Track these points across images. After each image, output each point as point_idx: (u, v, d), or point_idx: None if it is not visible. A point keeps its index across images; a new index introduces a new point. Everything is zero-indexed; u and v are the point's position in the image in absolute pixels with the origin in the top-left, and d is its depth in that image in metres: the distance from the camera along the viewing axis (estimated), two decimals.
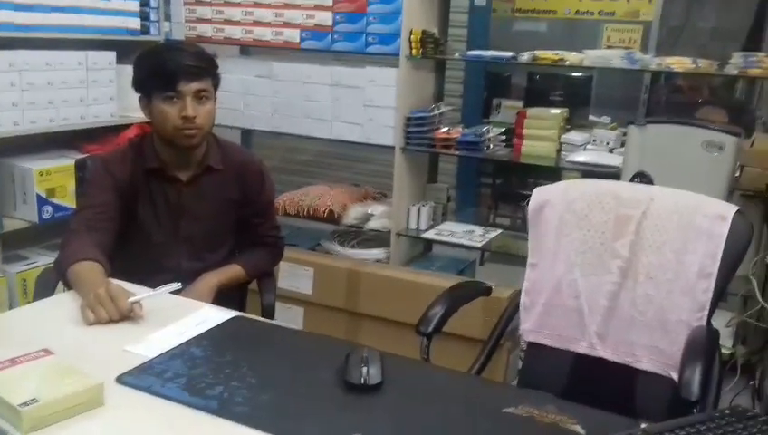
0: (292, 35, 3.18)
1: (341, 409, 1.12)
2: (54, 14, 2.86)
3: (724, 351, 2.27)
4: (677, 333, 1.62)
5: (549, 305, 1.81)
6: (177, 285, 1.49)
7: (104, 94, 3.06)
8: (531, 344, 1.85)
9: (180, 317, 1.43)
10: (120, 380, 1.16)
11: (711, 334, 1.58)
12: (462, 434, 1.07)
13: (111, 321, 1.38)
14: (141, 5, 3.23)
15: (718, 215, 1.66)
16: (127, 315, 1.40)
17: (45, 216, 2.84)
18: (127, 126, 3.14)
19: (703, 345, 1.49)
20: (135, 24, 3.20)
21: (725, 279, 1.62)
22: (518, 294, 1.88)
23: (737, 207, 1.67)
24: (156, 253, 1.91)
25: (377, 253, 3.05)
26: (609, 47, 4.47)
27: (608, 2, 4.71)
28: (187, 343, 1.31)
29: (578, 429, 1.09)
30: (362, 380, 1.17)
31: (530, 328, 1.83)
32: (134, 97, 1.92)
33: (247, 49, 3.54)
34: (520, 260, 1.91)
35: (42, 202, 2.82)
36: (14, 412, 0.99)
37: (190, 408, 1.10)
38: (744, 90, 4.39)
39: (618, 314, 1.73)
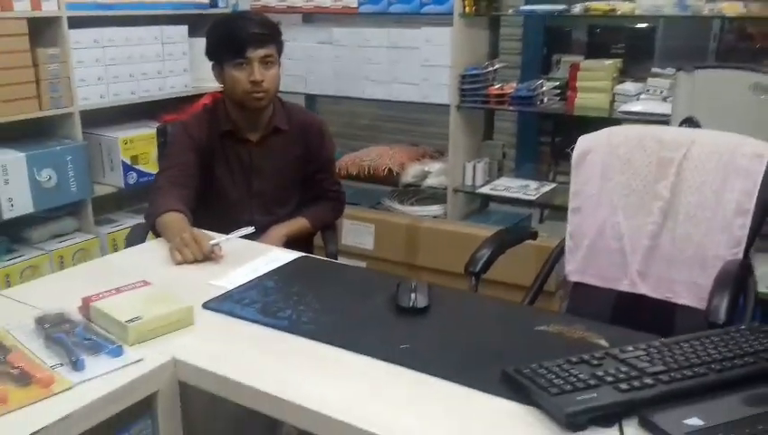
0: (350, 1, 3.32)
1: (393, 327, 1.29)
2: None
3: (765, 293, 2.32)
4: (714, 267, 1.71)
5: (593, 247, 1.92)
6: (250, 229, 1.68)
7: (179, 66, 3.30)
8: (576, 284, 1.96)
9: (254, 258, 1.63)
10: (206, 305, 1.36)
11: (744, 266, 1.66)
12: (497, 347, 1.22)
13: (196, 260, 1.59)
14: None
15: (756, 154, 1.73)
16: (208, 256, 1.60)
17: (131, 181, 3.11)
18: (200, 95, 3.39)
19: (732, 275, 1.58)
20: None
21: (762, 215, 1.70)
22: (562, 242, 1.99)
23: None
24: (231, 208, 2.12)
25: (434, 209, 3.19)
26: None
27: None
28: (261, 277, 1.51)
29: (602, 342, 1.22)
30: (411, 303, 1.33)
31: (575, 269, 1.95)
32: (206, 68, 2.12)
33: (309, 16, 3.71)
34: None
35: (127, 169, 3.09)
36: (122, 327, 1.21)
37: (264, 326, 1.29)
38: None
39: (658, 253, 1.83)
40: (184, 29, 3.31)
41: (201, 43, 1.93)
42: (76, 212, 3.02)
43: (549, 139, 4.71)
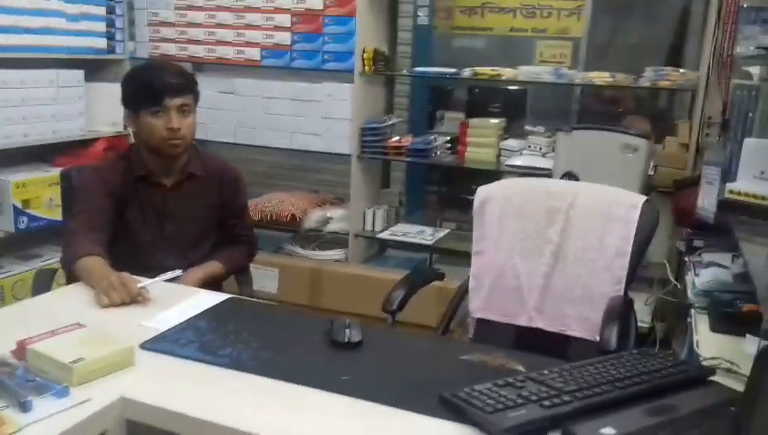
0: (253, 54, 3.43)
1: (331, 360, 1.38)
2: (27, 36, 3.02)
3: (643, 325, 2.62)
4: (600, 303, 1.93)
5: (493, 286, 2.11)
6: (178, 272, 1.71)
7: (74, 110, 3.23)
8: (479, 321, 2.13)
9: (180, 300, 1.66)
10: (143, 346, 1.38)
11: (626, 302, 1.90)
12: (429, 375, 1.34)
13: (123, 304, 1.60)
14: (107, 26, 3.42)
15: (631, 204, 1.99)
16: (136, 299, 1.62)
17: (21, 226, 2.98)
18: (95, 140, 3.33)
19: (618, 309, 1.81)
20: (102, 43, 3.39)
21: (638, 256, 1.95)
22: (465, 283, 2.16)
23: (646, 197, 2.01)
24: (143, 252, 2.11)
25: (336, 254, 3.31)
26: (542, 62, 4.85)
27: (540, 19, 5.05)
28: (192, 318, 1.54)
29: (520, 367, 1.38)
30: (346, 338, 1.42)
31: (478, 307, 2.12)
32: (102, 113, 2.13)
33: (209, 66, 3.76)
34: (465, 258, 2.19)
35: (17, 213, 2.96)
36: (65, 369, 1.21)
37: (206, 364, 1.33)
38: (666, 99, 4.82)
39: (551, 291, 2.04)
40: (80, 73, 3.26)
41: (98, 87, 1.96)
42: None
43: (435, 188, 5.00)
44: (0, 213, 2.96)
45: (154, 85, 2.01)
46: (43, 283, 2.05)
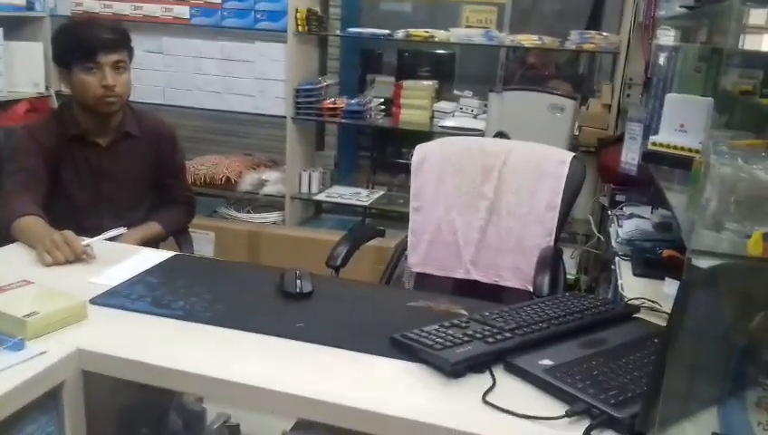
0: (182, 12, 3.35)
1: (284, 309, 1.42)
2: None
3: (569, 277, 2.78)
4: (532, 254, 2.05)
5: (432, 242, 2.19)
6: (122, 230, 1.70)
7: None
8: (418, 275, 2.22)
9: (126, 258, 1.66)
10: (94, 301, 1.38)
11: (556, 251, 2.02)
12: (379, 320, 1.41)
13: (67, 262, 1.58)
14: None
15: (560, 160, 2.11)
16: (80, 257, 1.60)
17: None
18: (16, 101, 3.20)
19: (549, 259, 1.93)
20: (20, 0, 3.23)
21: (567, 209, 2.08)
22: (403, 241, 2.24)
23: (574, 154, 2.13)
24: (79, 213, 2.07)
25: (272, 216, 3.32)
26: (468, 27, 4.95)
27: None
28: (141, 274, 1.55)
29: (463, 311, 1.46)
30: (298, 289, 1.47)
31: (416, 261, 2.21)
32: (22, 73, 2.06)
33: (135, 25, 3.64)
34: (398, 218, 2.26)
35: None
36: (19, 323, 1.20)
37: (160, 317, 1.35)
38: (587, 65, 5.01)
39: (486, 245, 2.14)
40: None
41: (17, 46, 1.88)
42: None
43: (368, 152, 5.05)
44: None
45: (87, 41, 1.96)
46: None
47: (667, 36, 1.95)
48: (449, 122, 3.16)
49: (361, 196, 3.31)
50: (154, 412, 1.48)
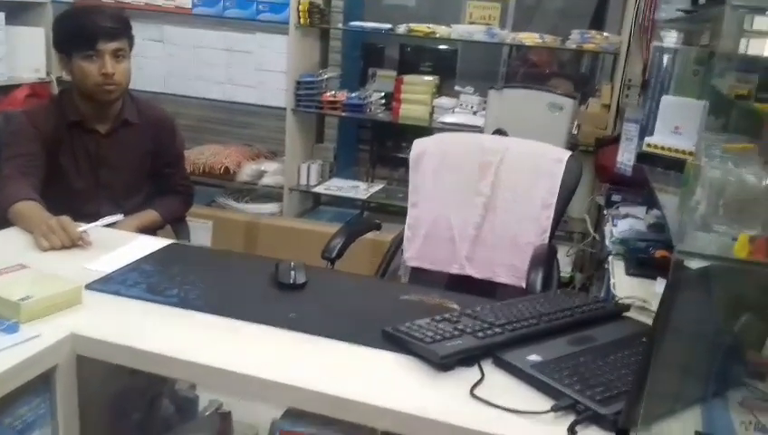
0: (184, 1, 3.34)
1: (278, 300, 1.43)
2: None
3: (564, 274, 2.80)
4: (527, 251, 2.06)
5: (428, 237, 2.20)
6: (119, 216, 1.71)
7: None
8: (413, 269, 2.23)
9: (123, 245, 1.67)
10: (90, 287, 1.40)
11: (551, 249, 2.03)
12: (371, 313, 1.42)
13: (63, 247, 1.59)
14: None
15: (557, 158, 2.12)
16: (76, 243, 1.62)
17: None
18: (16, 86, 3.20)
19: (543, 256, 1.94)
20: None
21: (562, 207, 2.09)
22: (399, 235, 2.25)
23: (571, 152, 2.14)
24: (77, 200, 2.08)
25: (270, 207, 3.33)
26: (471, 23, 4.96)
27: None
28: (137, 261, 1.56)
29: (454, 305, 1.47)
30: (291, 280, 1.48)
31: (412, 256, 2.22)
32: (23, 58, 2.06)
33: (137, 13, 3.64)
34: (396, 212, 2.27)
35: None
36: (13, 306, 1.22)
37: (154, 303, 1.36)
38: (589, 64, 5.02)
39: (481, 241, 2.16)
40: (0, 16, 3.10)
41: (19, 31, 1.88)
42: None
43: (368, 145, 5.06)
44: None
45: (87, 29, 1.96)
46: None
47: (669, 38, 1.96)
48: (449, 118, 3.17)
49: (359, 189, 3.32)
50: (146, 398, 1.49)
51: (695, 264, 0.94)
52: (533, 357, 1.23)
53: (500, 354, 1.24)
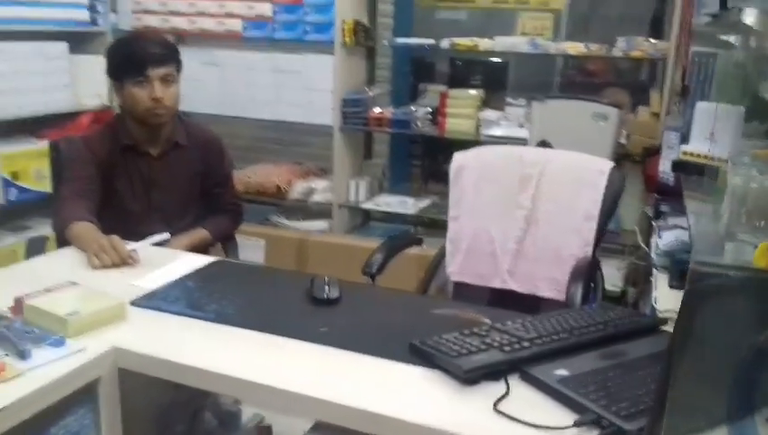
0: (234, 25, 3.46)
1: (311, 315, 1.47)
2: (12, 8, 3.05)
3: (614, 289, 2.74)
4: (569, 264, 2.04)
5: (469, 251, 2.20)
6: (166, 235, 1.79)
7: (59, 83, 3.26)
8: (456, 284, 2.23)
9: (169, 262, 1.74)
10: (134, 303, 1.47)
11: (593, 262, 2.00)
12: (402, 327, 1.44)
13: (114, 265, 1.68)
14: None
15: (599, 169, 2.09)
16: (126, 261, 1.70)
17: (11, 197, 3.03)
18: (80, 113, 3.37)
19: (584, 269, 1.91)
20: (84, 15, 3.41)
21: (605, 219, 2.05)
22: (442, 250, 2.25)
23: (613, 163, 2.10)
24: (131, 220, 2.18)
25: (320, 224, 3.39)
26: (523, 34, 4.93)
27: None
28: (181, 278, 1.63)
29: (487, 320, 1.47)
30: (325, 295, 1.52)
31: (455, 270, 2.22)
32: (86, 85, 2.17)
33: (191, 38, 3.79)
34: (445, 226, 2.25)
35: (7, 185, 3.01)
36: (61, 321, 1.29)
37: (193, 319, 1.42)
38: (648, 72, 4.90)
39: (523, 254, 2.14)
40: (64, 46, 3.29)
41: (82, 60, 2.00)
42: None
43: (419, 161, 5.08)
44: None
45: (137, 56, 2.06)
46: (35, 251, 2.13)
47: (706, 42, 1.91)
48: (495, 131, 3.17)
49: (408, 205, 3.35)
50: (189, 411, 1.55)
51: (713, 274, 0.92)
52: (561, 371, 1.22)
53: (527, 369, 1.23)
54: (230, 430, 1.66)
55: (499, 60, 4.52)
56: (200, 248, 2.26)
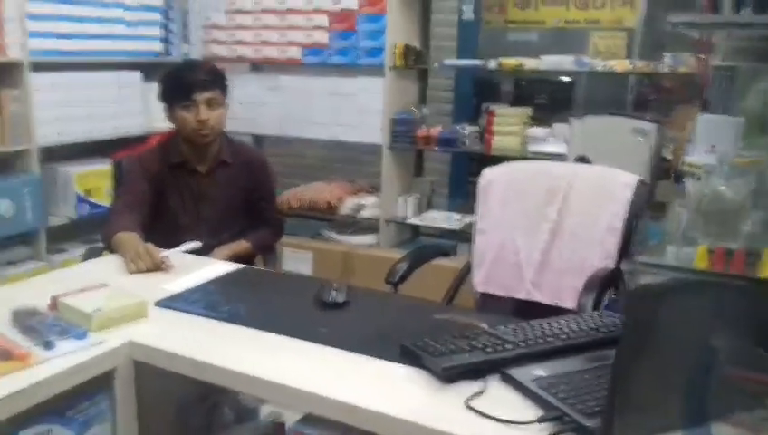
0: (295, 53, 3.65)
1: (315, 316, 1.56)
2: (91, 41, 3.35)
3: None
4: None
5: (495, 262, 2.24)
6: (197, 243, 1.94)
7: (133, 108, 3.55)
8: (482, 295, 2.27)
9: (200, 269, 1.88)
10: (158, 303, 1.61)
11: (614, 273, 1.99)
12: (400, 330, 1.50)
13: (148, 271, 1.84)
14: (163, 30, 3.72)
15: (625, 183, 2.09)
16: (159, 267, 1.85)
17: (83, 212, 3.31)
18: (152, 135, 3.63)
19: (598, 280, 1.91)
20: (158, 46, 3.70)
21: (629, 231, 2.04)
22: (469, 261, 2.29)
23: (640, 177, 2.09)
24: (181, 232, 2.33)
25: (369, 239, 3.50)
26: (597, 54, 4.88)
27: (593, 11, 5.04)
28: (206, 282, 1.76)
29: (484, 325, 1.51)
30: (330, 299, 1.60)
31: (480, 281, 2.26)
32: (158, 111, 2.37)
33: (257, 65, 4.02)
34: None
35: (80, 201, 3.29)
36: (86, 317, 1.44)
37: (207, 318, 1.54)
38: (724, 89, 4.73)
39: (548, 266, 2.16)
40: (138, 75, 3.57)
41: (154, 87, 2.19)
42: (30, 241, 3.20)
43: (475, 178, 5.11)
44: (65, 201, 3.30)
45: (184, 82, 2.25)
46: (93, 255, 2.32)
47: (723, 56, 1.88)
48: (541, 148, 3.19)
49: (452, 220, 3.40)
50: (206, 405, 1.66)
51: (657, 276, 0.95)
52: (538, 372, 1.25)
53: (507, 370, 1.27)
54: (246, 424, 1.76)
55: (566, 79, 4.51)
56: (242, 258, 2.40)
